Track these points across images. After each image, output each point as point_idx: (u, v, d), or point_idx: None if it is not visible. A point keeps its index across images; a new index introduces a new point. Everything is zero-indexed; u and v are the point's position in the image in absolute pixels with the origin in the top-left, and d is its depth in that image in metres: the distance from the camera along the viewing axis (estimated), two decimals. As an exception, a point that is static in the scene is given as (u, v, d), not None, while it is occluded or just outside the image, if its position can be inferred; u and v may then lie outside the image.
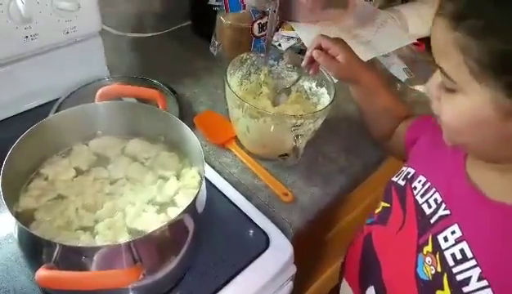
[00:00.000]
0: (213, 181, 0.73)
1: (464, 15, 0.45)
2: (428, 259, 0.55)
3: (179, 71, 0.96)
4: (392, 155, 0.82)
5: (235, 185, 0.74)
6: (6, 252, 0.59)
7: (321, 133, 0.78)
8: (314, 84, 0.81)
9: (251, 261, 0.63)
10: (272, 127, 0.72)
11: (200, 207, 0.57)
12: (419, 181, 0.61)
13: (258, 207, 0.71)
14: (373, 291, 0.64)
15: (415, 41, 1.09)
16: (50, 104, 0.79)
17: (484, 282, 0.49)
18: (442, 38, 0.47)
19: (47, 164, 0.61)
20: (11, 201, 0.53)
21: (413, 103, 0.96)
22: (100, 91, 0.65)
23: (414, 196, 0.61)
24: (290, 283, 0.68)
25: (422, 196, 0.59)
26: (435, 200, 0.57)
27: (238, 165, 0.78)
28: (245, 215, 0.69)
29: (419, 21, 1.10)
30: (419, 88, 1.00)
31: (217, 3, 0.97)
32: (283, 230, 0.68)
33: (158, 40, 1.06)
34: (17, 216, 0.51)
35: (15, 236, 0.51)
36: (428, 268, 0.55)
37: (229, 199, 0.71)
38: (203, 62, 0.99)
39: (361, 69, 0.74)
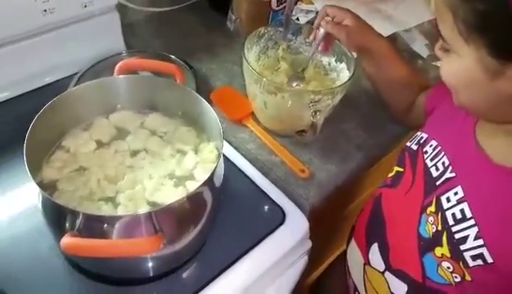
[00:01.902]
0: (230, 157, 0.73)
1: None
2: (430, 218, 0.58)
3: (196, 46, 0.95)
4: (414, 128, 0.80)
5: (252, 161, 0.74)
6: (30, 222, 0.61)
7: (339, 109, 0.77)
8: (333, 59, 0.80)
9: (267, 236, 0.64)
10: (290, 103, 0.71)
11: (218, 181, 0.58)
12: (431, 146, 0.62)
13: (274, 182, 0.71)
14: (376, 247, 0.67)
15: (438, 16, 1.05)
16: (68, 78, 0.80)
17: (480, 241, 0.51)
18: (438, 0, 0.48)
19: (68, 137, 0.62)
20: (34, 172, 0.54)
21: (435, 79, 0.93)
22: (119, 65, 0.64)
23: (424, 160, 0.62)
24: (305, 258, 0.69)
25: (432, 160, 0.61)
26: (443, 163, 0.59)
27: (255, 141, 0.78)
28: (262, 190, 0.69)
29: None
30: (441, 65, 0.98)
31: (235, -24, 0.95)
32: (299, 206, 0.69)
33: (175, 14, 1.04)
34: (40, 186, 0.52)
35: (39, 206, 0.53)
36: (429, 226, 0.57)
37: (246, 175, 0.71)
38: (220, 37, 0.98)
39: (372, 35, 0.73)
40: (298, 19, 0.98)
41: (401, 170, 0.66)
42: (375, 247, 0.67)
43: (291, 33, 0.82)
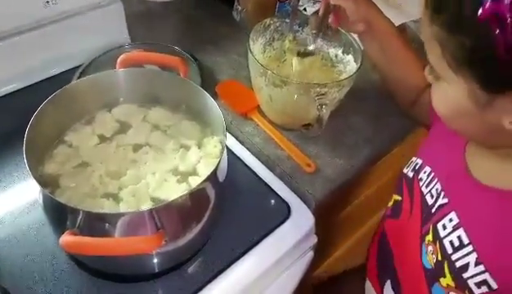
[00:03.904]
0: (235, 151, 0.72)
1: (439, 9, 0.45)
2: (429, 248, 0.56)
3: (201, 38, 0.94)
4: (419, 123, 0.79)
5: (258, 155, 0.73)
6: (34, 218, 0.60)
7: (346, 102, 0.75)
8: (340, 51, 0.78)
9: (272, 231, 0.63)
10: (296, 96, 0.70)
11: (222, 176, 0.57)
12: (425, 172, 0.61)
13: (279, 177, 0.70)
14: (389, 285, 0.66)
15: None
16: (72, 70, 0.79)
17: (481, 267, 0.50)
18: (425, 30, 0.48)
19: (71, 131, 0.62)
20: (36, 166, 0.54)
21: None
22: (120, 58, 0.64)
23: (420, 187, 0.61)
24: (311, 253, 0.68)
25: (426, 186, 0.60)
26: (436, 190, 0.58)
27: (260, 135, 0.77)
28: (267, 185, 0.69)
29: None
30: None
31: (240, -34, 0.94)
32: (305, 201, 0.68)
33: (180, 5, 1.03)
34: (42, 181, 0.52)
35: (40, 202, 0.52)
36: (430, 257, 0.56)
37: (251, 169, 0.70)
38: (226, 28, 0.97)
39: (377, 11, 0.70)
40: (305, 9, 0.97)
41: (399, 198, 0.66)
42: (388, 286, 0.66)
43: (298, 24, 0.80)
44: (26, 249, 0.58)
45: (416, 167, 0.63)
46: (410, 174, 0.64)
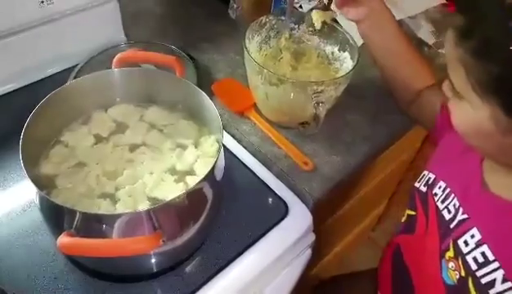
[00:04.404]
0: (232, 150, 0.72)
1: (467, 34, 0.45)
2: (451, 264, 0.56)
3: (197, 36, 0.94)
4: (417, 122, 0.78)
5: (255, 154, 0.73)
6: (31, 218, 0.60)
7: (343, 100, 0.75)
8: (336, 48, 0.78)
9: (270, 229, 0.63)
10: (292, 94, 0.70)
11: (219, 175, 0.57)
12: (440, 187, 0.61)
13: (277, 175, 0.70)
14: None
15: (444, 1, 1.03)
16: (68, 70, 0.79)
17: (509, 284, 0.49)
18: (449, 51, 0.48)
19: (67, 131, 0.62)
20: (32, 167, 0.54)
21: (441, 67, 0.91)
22: (116, 58, 0.63)
23: (435, 202, 0.61)
24: (309, 251, 0.69)
25: (442, 202, 0.60)
26: (454, 205, 0.58)
27: (257, 133, 0.77)
28: (264, 183, 0.69)
29: (449, -20, 1.03)
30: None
31: (236, -37, 0.93)
32: (302, 199, 0.68)
33: (176, 3, 1.03)
34: (39, 182, 0.51)
35: (37, 203, 0.52)
36: (452, 273, 0.56)
37: (248, 168, 0.70)
38: (221, 26, 0.97)
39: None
40: (301, 6, 0.96)
41: (413, 213, 0.65)
42: None
43: (294, 21, 0.80)
44: (24, 250, 0.58)
45: (429, 182, 0.63)
46: (424, 189, 0.64)
